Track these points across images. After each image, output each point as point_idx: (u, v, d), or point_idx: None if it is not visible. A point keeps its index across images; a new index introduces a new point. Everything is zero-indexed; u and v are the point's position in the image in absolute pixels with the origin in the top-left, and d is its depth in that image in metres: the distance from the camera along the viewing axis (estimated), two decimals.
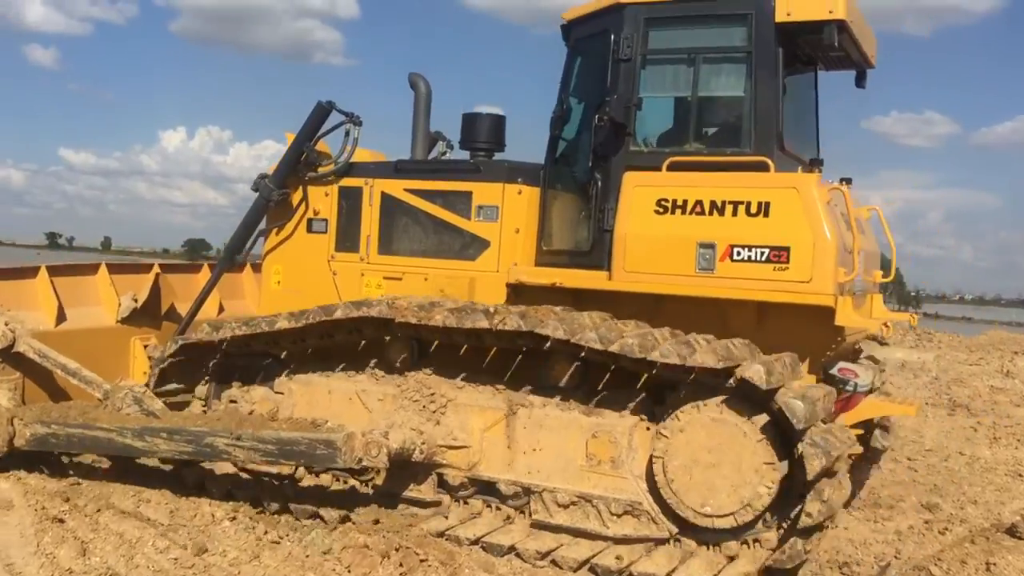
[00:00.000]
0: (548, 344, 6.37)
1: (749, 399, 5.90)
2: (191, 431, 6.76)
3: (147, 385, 7.69)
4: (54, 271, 8.25)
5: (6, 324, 7.50)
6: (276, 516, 6.97)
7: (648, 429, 6.37)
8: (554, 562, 6.29)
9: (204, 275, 9.12)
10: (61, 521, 6.38)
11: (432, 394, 6.91)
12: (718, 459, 5.99)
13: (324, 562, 6.01)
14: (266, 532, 6.51)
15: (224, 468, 7.30)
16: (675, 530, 6.23)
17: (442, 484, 6.93)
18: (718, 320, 6.77)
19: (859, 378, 7.21)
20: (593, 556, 6.21)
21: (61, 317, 8.13)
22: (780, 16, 6.79)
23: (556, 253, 7.58)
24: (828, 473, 5.74)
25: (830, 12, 6.70)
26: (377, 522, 6.67)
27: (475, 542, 6.49)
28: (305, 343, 7.49)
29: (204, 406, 7.75)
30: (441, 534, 6.59)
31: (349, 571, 5.89)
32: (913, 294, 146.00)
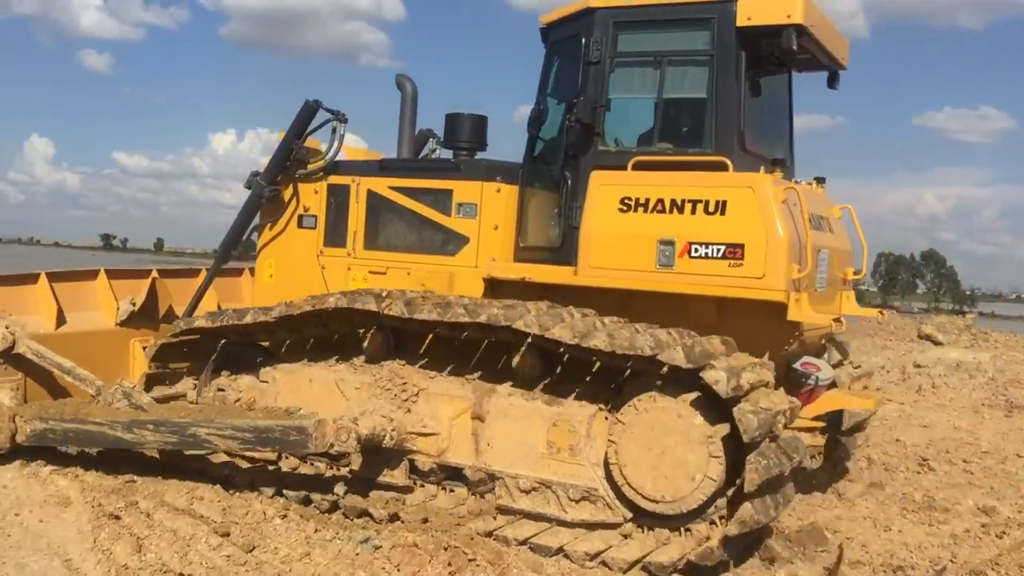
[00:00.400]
0: (437, 329, 6.95)
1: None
2: (175, 422, 7.11)
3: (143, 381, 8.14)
4: (54, 277, 8.63)
5: (6, 327, 7.91)
6: (327, 514, 7.12)
7: (606, 419, 6.61)
8: (604, 563, 6.36)
9: (202, 279, 9.44)
10: (117, 518, 6.54)
11: (404, 383, 7.19)
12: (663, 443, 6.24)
13: (374, 560, 6.07)
14: (316, 530, 6.60)
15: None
16: (629, 515, 6.46)
17: (414, 470, 7.22)
18: (683, 315, 6.99)
19: (820, 372, 7.42)
20: (644, 556, 6.30)
21: (61, 320, 8.51)
22: (741, 20, 7.01)
23: (532, 249, 7.85)
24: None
25: (788, 16, 6.91)
26: (426, 520, 6.76)
27: (523, 543, 6.59)
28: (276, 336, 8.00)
29: (196, 393, 8.13)
30: (489, 534, 6.65)
31: (398, 570, 5.94)
32: (968, 293, 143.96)
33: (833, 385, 7.73)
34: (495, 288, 7.76)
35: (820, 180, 8.33)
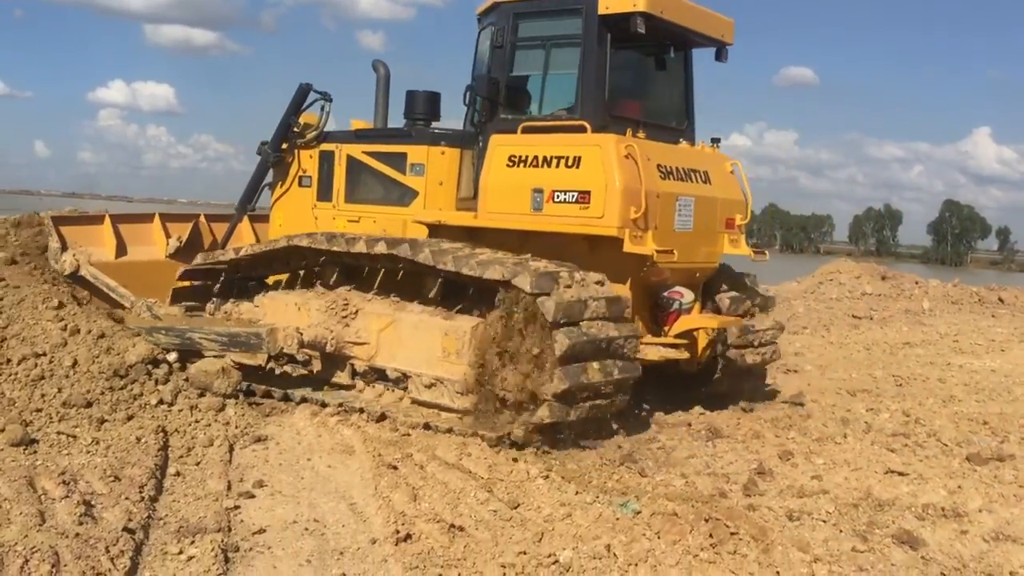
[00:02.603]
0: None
1: None
2: (178, 328, 9.38)
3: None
4: (117, 219, 11.14)
5: (73, 256, 10.42)
6: (587, 478, 7.19)
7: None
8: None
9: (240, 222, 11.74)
10: (395, 468, 7.07)
11: (346, 304, 9.21)
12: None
13: (634, 526, 6.02)
14: (577, 492, 6.66)
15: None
16: (500, 404, 8.21)
17: (354, 372, 9.23)
18: (564, 251, 8.64)
19: (683, 298, 8.94)
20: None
21: (122, 252, 10.97)
22: (602, 9, 8.59)
23: (464, 200, 9.68)
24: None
25: (634, 5, 8.43)
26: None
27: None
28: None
29: (210, 314, 10.43)
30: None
31: (659, 537, 5.86)
32: None
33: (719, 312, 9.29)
34: (432, 231, 9.63)
35: (716, 140, 9.78)
